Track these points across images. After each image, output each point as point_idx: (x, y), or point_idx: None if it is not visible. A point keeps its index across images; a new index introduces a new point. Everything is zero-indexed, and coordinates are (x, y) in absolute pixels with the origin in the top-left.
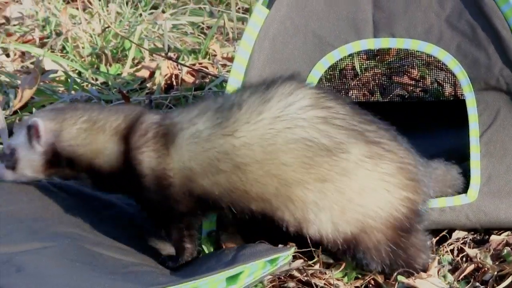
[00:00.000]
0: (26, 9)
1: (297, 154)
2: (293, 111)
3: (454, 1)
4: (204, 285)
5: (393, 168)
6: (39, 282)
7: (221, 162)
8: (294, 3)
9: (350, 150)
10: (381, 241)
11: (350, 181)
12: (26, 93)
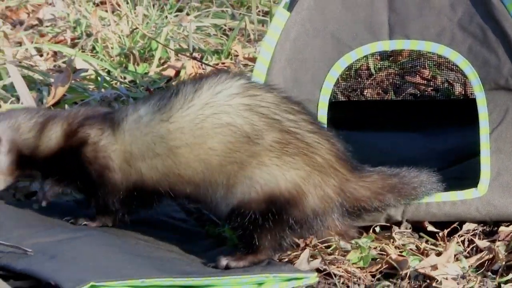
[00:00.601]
0: (58, 11)
1: (222, 139)
2: (220, 98)
3: (465, 5)
4: (227, 285)
5: (294, 151)
6: (70, 266)
7: (157, 146)
8: (314, 6)
9: (264, 137)
10: (256, 211)
11: (253, 161)
12: (59, 90)
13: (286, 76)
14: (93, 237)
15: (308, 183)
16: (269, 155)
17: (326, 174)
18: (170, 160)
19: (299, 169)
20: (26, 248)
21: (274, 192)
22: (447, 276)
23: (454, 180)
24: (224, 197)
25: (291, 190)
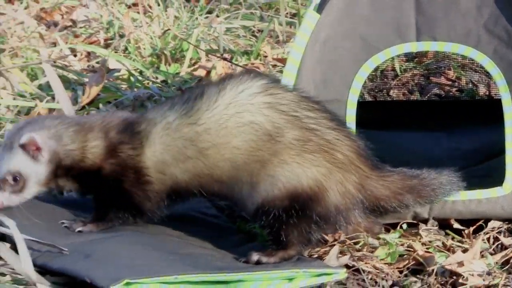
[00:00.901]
0: (91, 12)
1: (245, 138)
2: (243, 97)
3: (491, 8)
4: (258, 280)
5: (315, 149)
6: (105, 264)
7: (187, 149)
8: (343, 9)
9: (284, 134)
10: (280, 209)
11: (275, 159)
12: (93, 90)
13: (316, 77)
14: (125, 237)
15: (330, 179)
16: (290, 153)
17: (347, 170)
18: (200, 162)
19: (320, 166)
20: (62, 247)
21: (296, 189)
22: (473, 273)
23: (479, 179)
24: (249, 195)
25: (312, 186)
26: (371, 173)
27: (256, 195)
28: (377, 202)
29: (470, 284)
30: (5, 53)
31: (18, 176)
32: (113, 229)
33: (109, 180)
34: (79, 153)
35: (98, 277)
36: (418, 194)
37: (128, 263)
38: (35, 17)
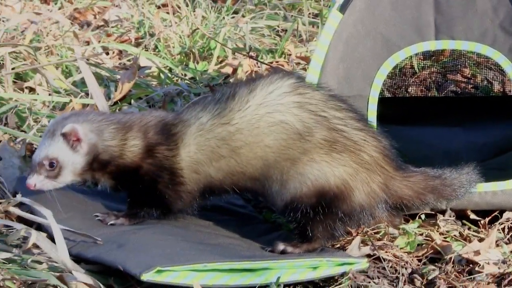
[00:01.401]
0: (123, 13)
1: (276, 137)
2: (273, 98)
3: (507, 8)
4: (283, 268)
5: (342, 149)
6: (137, 254)
7: (221, 149)
8: (365, 9)
9: (314, 134)
10: (307, 205)
11: (304, 158)
12: (125, 86)
13: (339, 73)
14: (156, 228)
15: (356, 179)
16: (319, 152)
17: (372, 171)
18: (233, 160)
19: (347, 166)
20: (96, 237)
21: (324, 187)
22: (488, 261)
23: (494, 171)
24: (279, 192)
25: (339, 185)
26: (395, 173)
27: (286, 192)
28: (400, 201)
29: (486, 272)
30: (41, 51)
31: (55, 162)
32: (145, 222)
33: (144, 179)
34: (118, 150)
35: (131, 265)
36: (440, 194)
37: (159, 252)
38: (69, 17)
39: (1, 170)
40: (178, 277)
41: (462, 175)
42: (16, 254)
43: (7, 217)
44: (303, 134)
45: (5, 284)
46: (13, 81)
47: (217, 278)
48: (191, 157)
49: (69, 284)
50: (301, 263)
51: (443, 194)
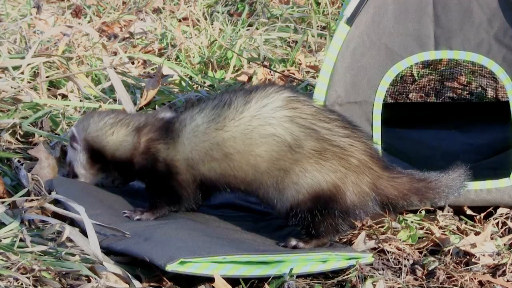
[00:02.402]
0: (147, 25)
1: (268, 148)
2: (266, 111)
3: (500, 21)
4: (295, 261)
5: (331, 156)
6: (162, 246)
7: (214, 152)
8: (370, 21)
9: (303, 146)
10: (305, 210)
11: (296, 168)
12: (150, 93)
13: (346, 81)
14: (179, 223)
15: (346, 182)
16: (310, 162)
17: (360, 172)
18: (226, 164)
19: (337, 171)
20: (124, 231)
21: (318, 192)
22: (484, 253)
23: (489, 171)
24: (276, 198)
25: (331, 189)
26: (382, 173)
27: (284, 200)
28: (387, 200)
29: (481, 263)
30: (72, 61)
31: (69, 163)
32: (168, 217)
33: (142, 172)
34: (113, 145)
35: (156, 257)
36: (423, 196)
37: (182, 245)
38: (98, 29)
39: (38, 170)
40: (200, 268)
41: (448, 179)
42: (51, 247)
43: (43, 212)
44: (293, 146)
45: (41, 275)
46: (47, 89)
47: (234, 269)
48: (186, 154)
49: (100, 275)
50: (311, 256)
51: (426, 196)
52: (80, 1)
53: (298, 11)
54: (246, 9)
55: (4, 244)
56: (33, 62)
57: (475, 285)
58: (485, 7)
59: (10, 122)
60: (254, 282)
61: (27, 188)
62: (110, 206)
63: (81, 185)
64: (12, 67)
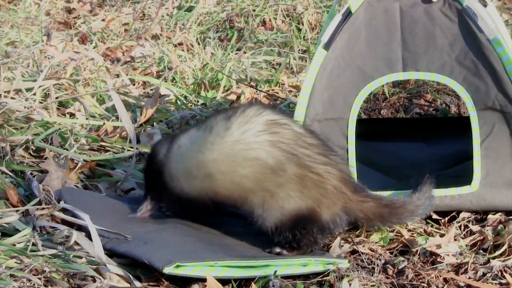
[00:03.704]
0: (146, 50)
1: (252, 170)
2: (248, 136)
3: (461, 45)
4: (279, 266)
5: (311, 184)
6: (160, 250)
7: (194, 171)
8: (345, 46)
9: (286, 170)
10: (286, 229)
11: (281, 192)
12: (149, 111)
13: (324, 99)
14: (176, 229)
15: (322, 206)
16: (292, 188)
17: (335, 198)
18: (208, 182)
19: (315, 197)
20: (126, 235)
21: (298, 215)
22: (448, 253)
23: (453, 178)
24: (261, 217)
25: (310, 212)
26: (352, 196)
27: (269, 219)
28: (355, 220)
29: (446, 262)
30: (79, 83)
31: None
32: (166, 223)
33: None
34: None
35: (155, 260)
36: (386, 220)
37: (178, 250)
38: (102, 54)
39: (48, 181)
40: (193, 270)
41: (413, 206)
42: (60, 251)
43: (53, 219)
44: (277, 170)
45: (51, 276)
46: (57, 108)
47: (224, 271)
48: (171, 168)
49: (104, 275)
50: (294, 262)
51: (389, 221)
52: (86, 29)
53: (281, 36)
54: (235, 35)
55: (18, 248)
56: (44, 84)
57: (440, 282)
58: (447, 32)
59: (24, 139)
60: (242, 281)
61: (39, 197)
62: (113, 212)
63: (87, 194)
64: (25, 89)
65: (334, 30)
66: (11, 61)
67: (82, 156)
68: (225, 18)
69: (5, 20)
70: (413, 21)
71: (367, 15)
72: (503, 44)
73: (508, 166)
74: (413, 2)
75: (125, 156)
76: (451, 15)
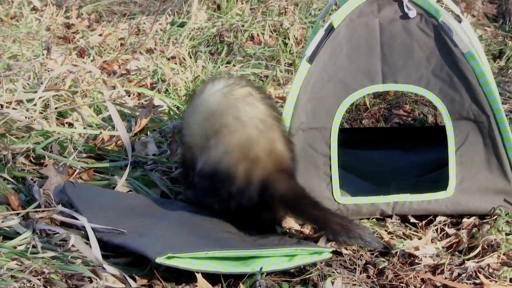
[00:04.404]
0: (141, 64)
1: (202, 116)
2: (210, 89)
3: (437, 58)
4: (267, 256)
5: (238, 141)
6: (154, 242)
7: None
8: (328, 60)
9: (223, 117)
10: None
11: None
12: (143, 121)
13: (308, 110)
14: (169, 223)
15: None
16: (222, 138)
17: (262, 163)
18: (187, 131)
19: (241, 154)
20: (122, 229)
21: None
22: (425, 255)
23: (430, 184)
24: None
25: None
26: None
27: (198, 165)
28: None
29: (423, 263)
30: (77, 94)
31: None
32: (162, 219)
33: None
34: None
35: (148, 251)
36: (296, 212)
37: (171, 242)
38: (99, 67)
39: (48, 186)
40: (184, 263)
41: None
42: (59, 253)
43: (52, 222)
44: (216, 115)
45: (50, 277)
46: (56, 118)
47: (213, 266)
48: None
49: (100, 276)
50: (281, 251)
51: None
52: (85, 43)
53: (268, 50)
54: (225, 49)
55: (18, 251)
56: (44, 96)
57: (418, 282)
58: (424, 47)
59: (25, 147)
60: (231, 281)
61: (39, 201)
62: (113, 205)
63: (88, 188)
64: (26, 100)
65: (317, 44)
66: (13, 74)
67: (80, 164)
68: (216, 33)
69: (8, 35)
70: (392, 36)
71: (349, 30)
72: (476, 58)
73: (481, 173)
74: (392, 18)
75: (121, 164)
76: (428, 31)
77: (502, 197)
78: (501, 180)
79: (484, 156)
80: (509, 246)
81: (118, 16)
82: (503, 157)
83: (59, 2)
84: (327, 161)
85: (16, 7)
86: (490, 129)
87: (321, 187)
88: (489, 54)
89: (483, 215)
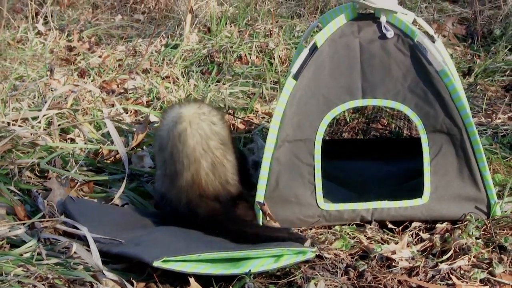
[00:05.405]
0: (137, 83)
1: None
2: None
3: (413, 75)
4: (256, 256)
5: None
6: (150, 249)
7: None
8: (311, 77)
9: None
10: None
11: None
12: (139, 136)
13: (293, 123)
14: (163, 233)
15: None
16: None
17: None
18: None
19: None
20: (120, 239)
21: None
22: (402, 258)
23: (407, 192)
24: None
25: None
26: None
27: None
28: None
29: (400, 266)
30: (79, 112)
31: None
32: (153, 229)
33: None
34: None
35: (145, 256)
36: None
37: (167, 247)
38: (99, 86)
39: (52, 198)
40: (179, 266)
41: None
42: (62, 259)
43: (56, 231)
44: (162, 147)
45: (54, 282)
46: (59, 134)
47: (206, 268)
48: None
49: (100, 281)
50: (269, 252)
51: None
52: (85, 64)
53: (255, 69)
54: (215, 69)
55: (24, 258)
56: (48, 114)
57: (395, 283)
58: (401, 65)
59: (30, 162)
60: (222, 284)
61: (43, 212)
62: (110, 219)
63: (87, 203)
64: (31, 117)
65: (302, 62)
66: (19, 93)
67: (81, 176)
68: (206, 54)
69: (14, 57)
70: (371, 55)
71: (331, 49)
72: (449, 75)
73: (454, 182)
74: (371, 39)
75: (119, 176)
76: (404, 50)
77: (473, 204)
78: (472, 188)
79: (456, 166)
80: (479, 249)
81: (116, 39)
82: (474, 167)
83: (62, 27)
84: (311, 171)
85: (22, 31)
86: (462, 141)
87: (305, 194)
88: (459, 71)
89: (455, 220)
